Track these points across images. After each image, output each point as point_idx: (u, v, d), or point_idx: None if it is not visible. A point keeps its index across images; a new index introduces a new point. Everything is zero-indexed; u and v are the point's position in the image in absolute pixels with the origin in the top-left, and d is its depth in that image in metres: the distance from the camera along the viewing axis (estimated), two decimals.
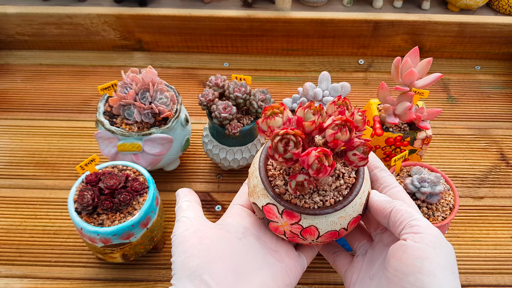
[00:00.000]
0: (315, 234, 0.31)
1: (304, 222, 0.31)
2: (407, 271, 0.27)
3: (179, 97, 0.60)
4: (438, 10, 0.93)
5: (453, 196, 0.51)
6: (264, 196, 0.32)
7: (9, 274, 0.54)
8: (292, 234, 0.32)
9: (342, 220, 0.31)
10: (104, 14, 0.82)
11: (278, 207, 0.31)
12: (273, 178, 0.32)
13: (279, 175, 0.32)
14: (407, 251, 0.28)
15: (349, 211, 0.31)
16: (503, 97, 0.82)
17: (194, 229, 0.32)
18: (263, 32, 0.84)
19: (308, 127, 0.28)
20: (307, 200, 0.31)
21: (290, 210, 0.31)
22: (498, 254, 0.57)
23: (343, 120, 0.28)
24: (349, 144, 0.29)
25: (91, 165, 0.49)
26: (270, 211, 0.32)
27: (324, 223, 0.31)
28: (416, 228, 0.29)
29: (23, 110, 0.76)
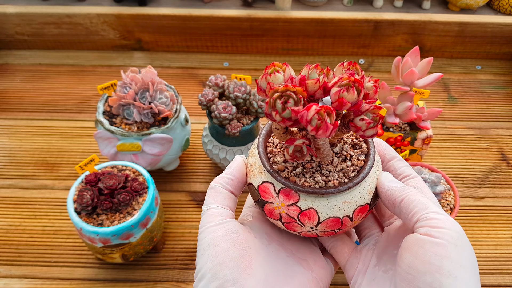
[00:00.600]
0: (314, 218, 0.28)
1: (302, 204, 0.27)
2: (423, 270, 0.24)
3: (179, 97, 0.60)
4: (439, 9, 0.93)
5: (453, 196, 0.51)
6: (261, 174, 0.29)
7: (8, 275, 0.53)
8: (288, 218, 0.28)
9: (347, 206, 0.28)
10: (104, 14, 0.82)
11: (275, 185, 0.28)
12: (272, 155, 0.29)
13: (279, 153, 0.29)
14: (425, 246, 0.25)
15: (355, 197, 0.28)
16: (503, 97, 0.82)
17: (227, 230, 0.28)
18: (263, 32, 0.84)
19: (311, 86, 0.25)
20: (308, 179, 0.28)
21: (287, 188, 0.27)
22: (498, 254, 0.57)
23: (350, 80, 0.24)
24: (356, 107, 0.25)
25: (91, 165, 0.49)
26: (266, 190, 0.28)
27: (325, 206, 0.27)
28: (435, 222, 0.25)
29: (22, 110, 0.76)
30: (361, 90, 0.25)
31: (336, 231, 0.29)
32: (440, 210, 0.26)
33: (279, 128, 0.27)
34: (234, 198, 0.31)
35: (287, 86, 0.24)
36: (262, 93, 0.26)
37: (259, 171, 0.29)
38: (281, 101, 0.24)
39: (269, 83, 0.25)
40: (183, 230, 0.59)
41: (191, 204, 0.62)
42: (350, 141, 0.30)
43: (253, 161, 0.30)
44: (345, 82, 0.24)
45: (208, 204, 0.30)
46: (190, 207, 0.62)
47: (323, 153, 0.27)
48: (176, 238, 0.58)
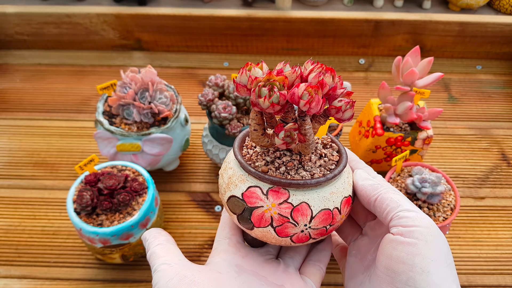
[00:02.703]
0: (307, 213, 0.27)
1: (294, 199, 0.27)
2: (398, 270, 0.25)
3: (179, 97, 0.60)
4: (439, 9, 0.92)
5: (454, 196, 0.51)
6: (243, 182, 0.28)
7: (8, 275, 0.53)
8: (281, 219, 0.28)
9: (335, 197, 0.28)
10: (103, 14, 0.81)
11: (261, 187, 0.28)
12: (251, 162, 0.29)
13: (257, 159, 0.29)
14: (397, 247, 0.26)
15: (340, 187, 0.29)
16: (504, 97, 0.82)
17: (180, 277, 0.27)
18: (263, 32, 0.84)
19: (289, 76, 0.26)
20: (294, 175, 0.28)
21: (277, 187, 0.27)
22: (499, 254, 0.57)
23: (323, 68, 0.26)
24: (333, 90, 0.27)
25: (90, 165, 0.49)
26: (252, 195, 0.28)
27: (316, 198, 0.28)
28: (405, 221, 0.26)
29: (22, 110, 0.76)
30: (334, 76, 0.27)
31: (327, 228, 0.29)
32: (412, 207, 0.27)
33: (258, 130, 0.28)
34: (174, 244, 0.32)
35: (270, 74, 0.25)
36: (243, 88, 0.27)
37: (241, 179, 0.29)
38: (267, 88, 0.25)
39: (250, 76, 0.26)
40: (183, 231, 0.59)
41: (191, 205, 0.62)
42: (320, 142, 0.32)
43: (231, 173, 0.30)
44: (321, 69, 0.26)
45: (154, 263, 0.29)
46: (190, 207, 0.62)
47: (309, 139, 0.28)
48: (175, 238, 0.57)
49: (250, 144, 0.31)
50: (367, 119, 0.61)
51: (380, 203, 0.28)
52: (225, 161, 0.31)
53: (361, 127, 0.63)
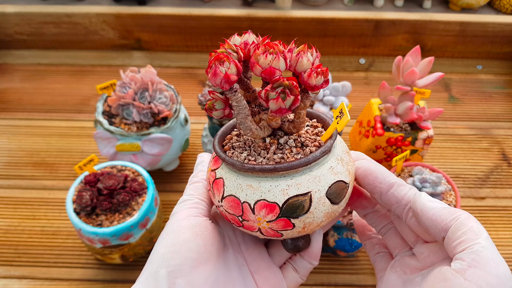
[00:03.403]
0: (220, 191, 0.27)
1: (218, 172, 0.27)
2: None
3: (179, 97, 0.60)
4: (440, 9, 0.92)
5: (454, 196, 0.51)
6: None
7: (7, 275, 0.53)
8: (209, 185, 0.29)
9: (250, 192, 0.26)
10: (103, 13, 0.81)
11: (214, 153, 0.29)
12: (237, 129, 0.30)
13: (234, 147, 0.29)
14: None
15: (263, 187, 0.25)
16: (504, 97, 0.82)
17: (195, 222, 0.28)
18: (264, 31, 0.84)
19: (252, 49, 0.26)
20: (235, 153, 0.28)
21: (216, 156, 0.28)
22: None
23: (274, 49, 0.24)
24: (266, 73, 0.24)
25: (90, 165, 0.49)
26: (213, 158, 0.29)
27: (232, 181, 0.26)
28: (476, 259, 0.21)
29: (21, 110, 0.76)
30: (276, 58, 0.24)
31: (241, 220, 0.26)
32: (492, 246, 0.22)
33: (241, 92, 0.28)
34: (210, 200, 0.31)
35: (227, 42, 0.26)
36: None
37: None
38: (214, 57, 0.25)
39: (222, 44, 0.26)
40: None
41: None
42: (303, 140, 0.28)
43: None
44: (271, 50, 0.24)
45: (189, 194, 0.30)
46: None
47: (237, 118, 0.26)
48: None
49: None
50: (367, 119, 0.61)
51: (456, 229, 0.23)
52: None
53: (361, 127, 0.63)
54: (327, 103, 0.58)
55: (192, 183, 0.31)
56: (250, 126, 0.26)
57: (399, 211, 0.28)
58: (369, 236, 0.33)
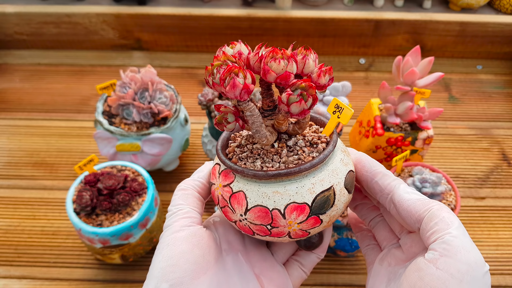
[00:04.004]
0: (242, 203, 0.26)
1: (235, 185, 0.26)
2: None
3: (178, 97, 0.60)
4: (440, 9, 0.92)
5: (454, 196, 0.51)
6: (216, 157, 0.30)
7: (7, 275, 0.53)
8: (223, 202, 0.27)
9: (278, 197, 0.25)
10: (103, 13, 0.81)
11: (220, 166, 0.28)
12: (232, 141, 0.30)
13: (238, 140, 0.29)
14: (424, 278, 0.22)
15: (291, 190, 0.25)
16: (504, 97, 0.82)
17: (191, 232, 0.27)
18: (263, 31, 0.84)
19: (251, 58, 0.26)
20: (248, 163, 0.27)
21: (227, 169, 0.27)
22: (499, 255, 0.57)
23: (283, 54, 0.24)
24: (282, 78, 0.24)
25: (90, 165, 0.49)
26: (214, 172, 0.29)
27: (254, 191, 0.26)
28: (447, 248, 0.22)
29: (21, 110, 0.76)
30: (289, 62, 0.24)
31: (269, 229, 0.26)
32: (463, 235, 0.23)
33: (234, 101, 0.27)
34: (202, 202, 0.30)
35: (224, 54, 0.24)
36: None
37: None
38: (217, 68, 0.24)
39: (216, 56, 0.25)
40: None
41: None
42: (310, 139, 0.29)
43: None
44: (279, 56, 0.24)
45: (177, 205, 0.29)
46: None
47: (252, 127, 0.26)
48: None
49: None
50: (367, 119, 0.61)
51: (429, 220, 0.24)
52: None
53: (361, 127, 0.63)
54: (326, 103, 0.58)
55: (180, 190, 0.30)
56: (265, 134, 0.27)
57: (382, 200, 0.28)
58: (361, 228, 0.34)
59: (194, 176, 0.31)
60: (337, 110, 0.28)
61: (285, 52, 0.24)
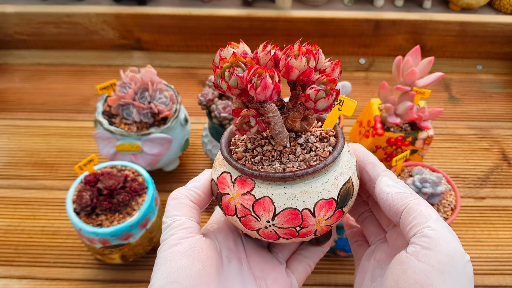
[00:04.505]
0: (269, 209, 0.25)
1: (257, 192, 0.25)
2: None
3: (179, 97, 0.60)
4: (440, 9, 0.92)
5: (454, 196, 0.51)
6: (221, 166, 0.27)
7: (7, 275, 0.53)
8: (243, 211, 0.26)
9: (306, 197, 0.25)
10: (103, 13, 0.81)
11: (232, 174, 0.26)
12: (234, 147, 0.28)
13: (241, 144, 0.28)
14: (407, 271, 0.22)
15: (317, 188, 0.25)
16: (504, 97, 0.82)
17: (189, 245, 0.26)
18: (263, 31, 0.84)
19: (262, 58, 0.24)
20: (265, 166, 0.26)
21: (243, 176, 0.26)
22: (499, 255, 0.57)
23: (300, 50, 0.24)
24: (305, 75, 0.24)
25: (90, 165, 0.49)
26: (223, 181, 0.27)
27: (281, 195, 0.25)
28: (426, 241, 0.23)
29: (21, 110, 0.76)
30: (310, 58, 0.24)
31: (298, 230, 0.26)
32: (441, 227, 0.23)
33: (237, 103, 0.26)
34: (199, 211, 0.29)
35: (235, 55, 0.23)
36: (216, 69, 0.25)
37: (220, 163, 0.28)
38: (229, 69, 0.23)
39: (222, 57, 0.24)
40: None
41: None
42: (318, 134, 0.29)
43: (217, 156, 0.29)
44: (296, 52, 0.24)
45: (172, 216, 0.28)
46: None
47: (274, 128, 0.25)
48: None
49: None
50: (367, 119, 0.61)
51: (408, 214, 0.25)
52: None
53: (361, 127, 0.63)
54: None
55: (172, 199, 0.29)
56: (286, 134, 0.26)
57: (371, 189, 0.29)
58: (351, 225, 0.35)
59: (189, 185, 0.29)
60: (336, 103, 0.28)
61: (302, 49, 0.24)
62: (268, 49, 0.25)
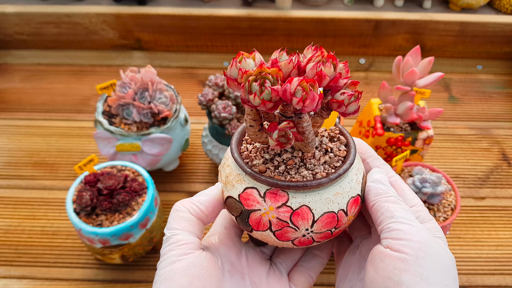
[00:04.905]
0: (308, 217, 0.25)
1: (293, 202, 0.25)
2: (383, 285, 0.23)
3: (179, 97, 0.60)
4: (440, 9, 0.92)
5: (454, 196, 0.51)
6: (240, 181, 0.26)
7: (7, 275, 0.53)
8: (280, 224, 0.25)
9: (340, 198, 0.26)
10: (103, 13, 0.81)
11: (259, 188, 0.26)
12: (248, 160, 0.27)
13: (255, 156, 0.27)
14: (385, 260, 0.24)
15: (346, 187, 0.26)
16: (504, 97, 0.82)
17: (188, 263, 0.25)
18: (263, 31, 0.84)
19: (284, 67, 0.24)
20: (294, 175, 0.26)
21: (274, 188, 0.25)
22: (499, 255, 0.57)
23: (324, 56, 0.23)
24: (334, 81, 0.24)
25: (90, 165, 0.49)
26: (249, 197, 0.26)
27: (318, 201, 0.25)
28: (396, 233, 0.24)
29: (21, 110, 0.76)
30: (336, 64, 0.24)
31: (333, 231, 0.26)
32: (407, 219, 0.25)
33: (254, 126, 0.26)
34: (200, 225, 0.28)
35: (261, 67, 0.22)
36: (234, 83, 0.24)
37: (237, 179, 0.27)
38: (258, 83, 0.22)
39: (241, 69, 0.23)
40: None
41: None
42: (326, 134, 0.29)
43: (228, 171, 0.28)
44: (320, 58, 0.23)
45: (172, 229, 0.27)
46: None
47: (308, 137, 0.25)
48: None
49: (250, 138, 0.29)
50: (367, 119, 0.61)
51: (376, 211, 0.26)
52: (224, 156, 0.30)
53: (361, 127, 0.63)
54: None
55: (174, 211, 0.28)
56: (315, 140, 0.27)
57: None
58: None
59: (194, 198, 0.28)
60: None
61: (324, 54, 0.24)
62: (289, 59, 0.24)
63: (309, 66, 0.23)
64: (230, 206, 0.28)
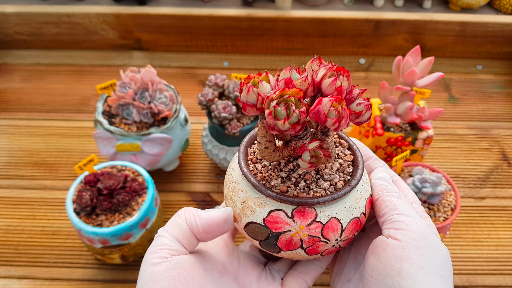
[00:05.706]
0: (337, 228, 0.26)
1: (322, 216, 0.25)
2: (384, 272, 0.24)
3: (179, 97, 0.60)
4: (440, 9, 0.92)
5: (454, 196, 0.51)
6: (262, 205, 0.26)
7: (7, 275, 0.53)
8: (311, 240, 0.25)
9: (359, 203, 0.27)
10: (103, 13, 0.81)
11: (285, 209, 0.25)
12: (265, 181, 0.26)
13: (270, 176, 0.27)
14: (386, 249, 0.25)
15: (361, 190, 0.28)
16: (504, 97, 0.82)
17: (170, 265, 0.25)
18: (263, 31, 0.84)
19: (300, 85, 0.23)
20: (316, 189, 0.26)
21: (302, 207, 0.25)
22: (499, 255, 0.57)
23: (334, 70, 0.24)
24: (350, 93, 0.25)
25: (90, 165, 0.49)
26: (276, 220, 0.25)
27: (343, 210, 0.26)
28: (398, 224, 0.26)
29: (21, 110, 0.76)
30: (349, 76, 0.25)
31: (355, 234, 0.28)
32: (410, 212, 0.26)
33: (269, 147, 0.25)
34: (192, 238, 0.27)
35: (283, 90, 0.22)
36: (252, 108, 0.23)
37: (258, 203, 0.26)
38: (284, 107, 0.22)
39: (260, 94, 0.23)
40: None
41: (191, 205, 0.62)
42: None
43: (244, 196, 0.27)
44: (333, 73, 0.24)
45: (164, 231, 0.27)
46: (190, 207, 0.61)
47: (332, 152, 0.26)
48: None
49: (255, 157, 0.28)
50: None
51: (380, 204, 0.28)
52: (230, 180, 0.28)
53: (361, 127, 0.63)
54: None
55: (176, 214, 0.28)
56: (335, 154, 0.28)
57: None
58: None
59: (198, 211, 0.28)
60: None
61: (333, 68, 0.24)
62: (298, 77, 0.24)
63: (326, 82, 0.24)
64: (253, 231, 0.27)
